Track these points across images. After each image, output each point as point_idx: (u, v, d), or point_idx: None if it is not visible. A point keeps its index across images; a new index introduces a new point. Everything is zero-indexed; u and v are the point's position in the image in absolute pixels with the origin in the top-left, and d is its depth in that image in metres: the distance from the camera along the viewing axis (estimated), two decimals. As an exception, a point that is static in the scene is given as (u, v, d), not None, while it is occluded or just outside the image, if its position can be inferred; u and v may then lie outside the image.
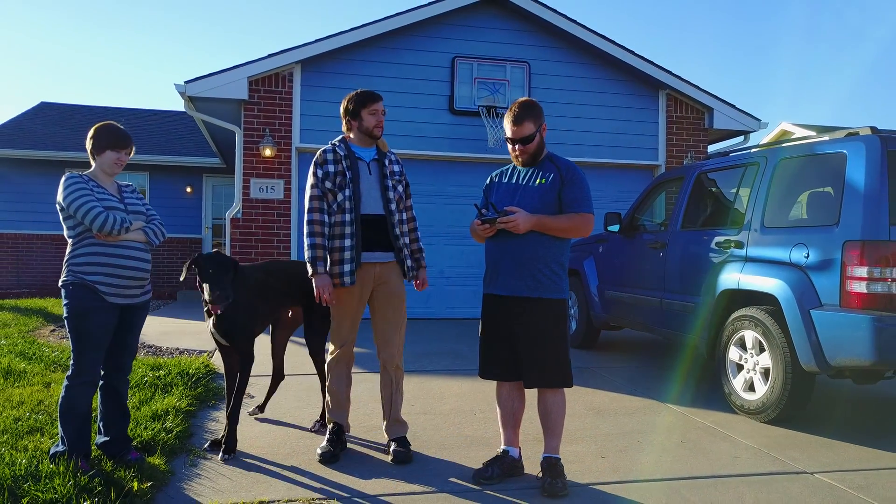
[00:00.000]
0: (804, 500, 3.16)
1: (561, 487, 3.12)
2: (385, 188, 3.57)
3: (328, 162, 3.57)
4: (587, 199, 3.22)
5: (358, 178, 3.54)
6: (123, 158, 3.30)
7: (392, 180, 3.62)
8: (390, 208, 3.56)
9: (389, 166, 3.65)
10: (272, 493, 3.08)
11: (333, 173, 3.54)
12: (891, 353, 3.72)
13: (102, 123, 3.35)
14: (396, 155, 3.82)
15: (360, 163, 3.59)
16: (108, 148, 3.27)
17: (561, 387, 3.25)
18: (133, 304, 3.26)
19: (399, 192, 3.66)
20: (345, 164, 3.55)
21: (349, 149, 3.61)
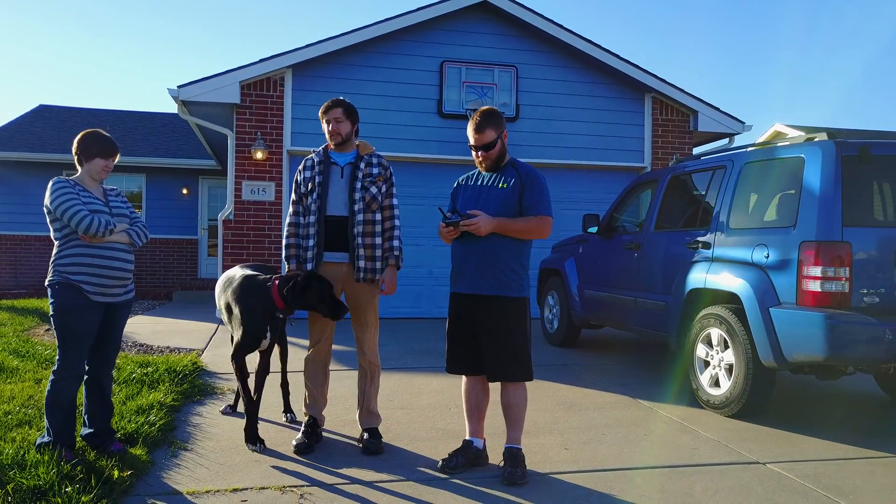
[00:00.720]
0: (752, 487, 3.33)
1: (520, 476, 3.29)
2: (352, 190, 3.72)
3: (306, 168, 3.79)
4: (546, 202, 3.40)
5: (327, 182, 3.71)
6: (110, 165, 3.47)
7: (364, 182, 3.73)
8: (353, 209, 3.70)
9: (366, 169, 3.76)
10: (247, 481, 3.25)
11: (309, 178, 3.73)
12: (841, 350, 3.89)
13: (90, 131, 3.51)
14: (383, 158, 3.89)
15: (333, 167, 3.76)
16: (97, 155, 3.44)
17: (521, 380, 3.42)
18: (116, 302, 3.43)
19: (372, 194, 3.74)
20: (318, 169, 3.73)
21: (326, 155, 3.79)
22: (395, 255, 3.79)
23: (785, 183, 4.40)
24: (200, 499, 3.04)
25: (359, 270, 3.72)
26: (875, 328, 3.84)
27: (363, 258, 3.72)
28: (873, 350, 3.87)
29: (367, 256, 3.72)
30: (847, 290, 3.95)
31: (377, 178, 3.77)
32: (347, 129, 3.76)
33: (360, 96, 9.23)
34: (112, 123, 15.95)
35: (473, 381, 3.56)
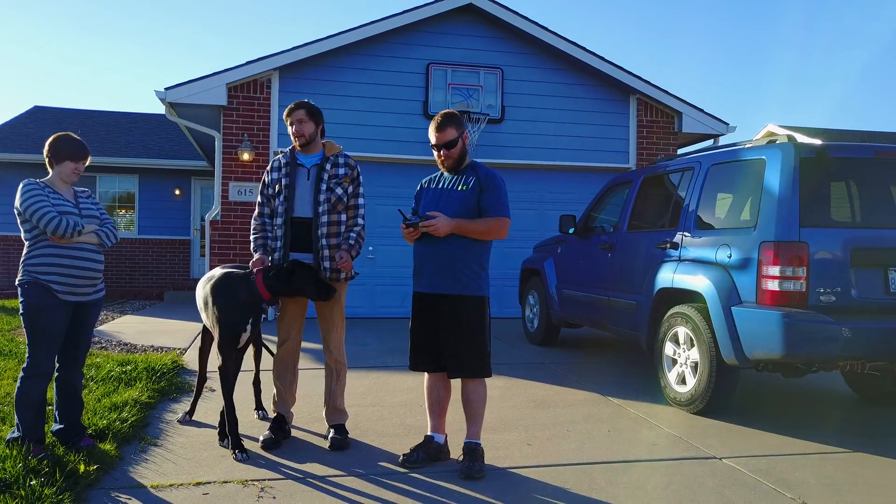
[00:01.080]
0: (703, 481, 3.42)
1: (478, 470, 3.38)
2: (317, 191, 3.80)
3: (273, 170, 3.87)
4: (504, 204, 3.49)
5: (294, 184, 3.80)
6: (80, 168, 3.56)
7: (330, 183, 3.80)
8: (318, 210, 3.78)
9: (332, 170, 3.82)
10: (211, 475, 3.34)
11: (276, 180, 3.82)
12: (798, 348, 3.97)
13: (61, 134, 3.60)
14: (350, 158, 3.96)
15: (300, 169, 3.84)
16: (67, 158, 3.53)
17: (480, 377, 3.52)
18: (85, 301, 3.52)
19: (338, 195, 3.80)
20: (284, 171, 3.82)
21: (293, 156, 3.87)
22: (350, 243, 3.80)
23: (748, 184, 4.49)
24: (163, 492, 3.13)
25: (324, 270, 3.80)
26: (830, 327, 3.93)
27: (328, 258, 3.79)
28: (828, 348, 3.96)
29: (331, 257, 3.79)
30: (804, 290, 4.03)
31: (343, 179, 3.83)
32: (311, 129, 3.83)
33: (346, 98, 9.35)
34: (106, 124, 16.07)
35: (435, 377, 3.65)
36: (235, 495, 3.11)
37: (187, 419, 4.26)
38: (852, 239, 4.09)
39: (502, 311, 9.94)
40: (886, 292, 4.12)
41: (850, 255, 4.07)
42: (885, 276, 4.13)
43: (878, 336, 4.00)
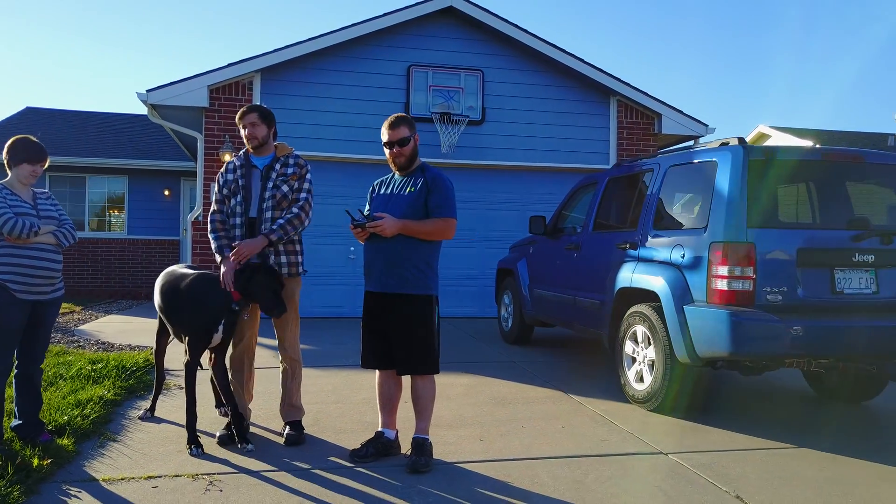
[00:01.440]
0: (644, 475, 3.51)
1: (423, 464, 3.47)
2: (264, 189, 3.88)
3: (228, 171, 3.97)
4: (450, 205, 3.58)
5: (249, 184, 3.90)
6: (38, 170, 3.65)
7: (277, 181, 3.89)
8: (262, 207, 3.87)
9: (281, 169, 3.93)
10: (163, 469, 3.43)
11: (231, 181, 3.92)
12: (744, 346, 4.06)
13: (20, 137, 3.69)
14: (300, 158, 4.06)
15: (254, 170, 3.94)
16: (24, 161, 3.62)
17: (428, 373, 3.61)
18: (43, 300, 3.61)
19: (283, 192, 3.89)
20: (239, 172, 3.91)
21: (247, 159, 3.97)
22: (273, 228, 3.81)
23: (701, 186, 4.58)
24: (114, 485, 3.22)
25: (278, 266, 3.90)
26: (775, 325, 4.02)
27: (281, 253, 3.90)
28: (774, 346, 4.05)
29: (284, 251, 3.91)
30: (751, 289, 4.12)
31: (290, 178, 3.92)
32: (264, 132, 3.93)
33: (327, 99, 9.45)
34: (97, 125, 16.17)
35: (385, 374, 3.74)
36: (184, 488, 3.20)
37: (148, 416, 4.34)
38: (799, 239, 4.18)
39: (483, 312, 10.05)
40: (832, 292, 4.21)
41: (797, 255, 4.16)
42: (832, 275, 4.22)
43: (823, 334, 4.09)
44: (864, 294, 4.26)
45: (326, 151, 9.41)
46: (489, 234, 10.05)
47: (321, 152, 9.39)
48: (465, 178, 10.02)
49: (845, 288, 4.23)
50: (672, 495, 3.24)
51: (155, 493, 3.13)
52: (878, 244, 4.26)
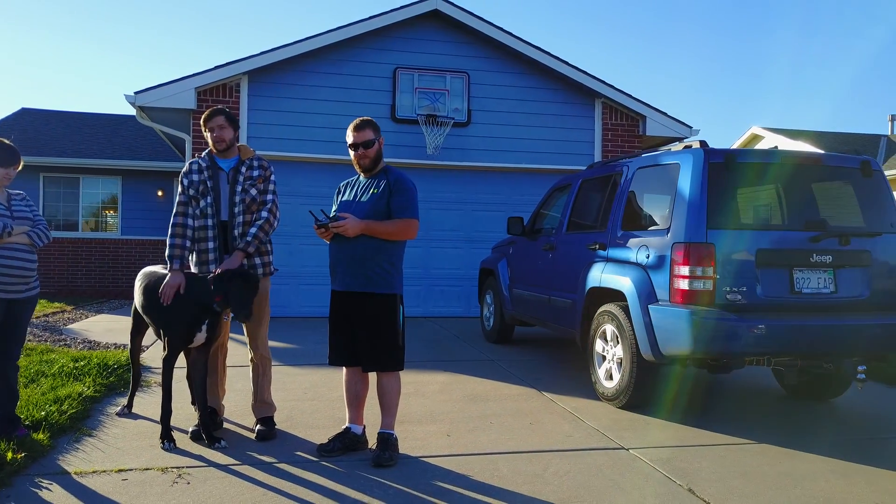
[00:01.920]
0: (602, 469, 3.61)
1: (387, 458, 3.58)
2: (233, 193, 3.99)
3: (193, 172, 4.04)
4: (412, 206, 3.69)
5: (218, 186, 4.00)
6: (11, 173, 3.75)
7: (245, 185, 3.99)
8: (233, 211, 3.98)
9: (247, 172, 4.03)
10: (135, 463, 3.53)
11: (197, 182, 4.00)
12: (705, 344, 4.17)
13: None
14: (263, 160, 4.16)
15: (220, 173, 4.04)
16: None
17: (392, 370, 3.72)
18: (18, 298, 3.72)
19: (252, 195, 3.99)
20: (206, 174, 4.01)
21: (212, 160, 4.07)
22: (247, 240, 3.92)
23: (665, 188, 4.69)
24: (85, 478, 3.33)
25: (253, 267, 4.01)
26: (734, 323, 4.13)
27: (253, 255, 4.01)
28: (733, 344, 4.15)
29: (256, 252, 4.02)
30: (711, 289, 4.23)
31: (257, 181, 4.03)
32: (230, 135, 4.03)
33: (314, 101, 9.56)
34: (91, 126, 16.27)
35: (352, 371, 3.85)
36: (152, 481, 3.30)
37: (126, 412, 4.45)
38: (758, 240, 4.29)
39: (469, 311, 10.16)
40: (791, 291, 4.32)
41: (756, 255, 4.27)
42: (791, 276, 4.33)
43: (781, 333, 4.19)
44: (823, 294, 4.37)
45: (313, 153, 9.51)
46: (475, 234, 10.16)
47: (308, 153, 9.51)
48: (450, 180, 10.15)
49: (804, 288, 4.34)
50: (626, 489, 3.35)
51: (124, 486, 3.23)
52: (836, 245, 4.37)
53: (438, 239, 10.00)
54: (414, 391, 5.20)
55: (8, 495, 3.07)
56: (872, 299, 4.44)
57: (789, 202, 4.56)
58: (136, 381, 4.59)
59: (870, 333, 4.32)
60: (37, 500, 3.03)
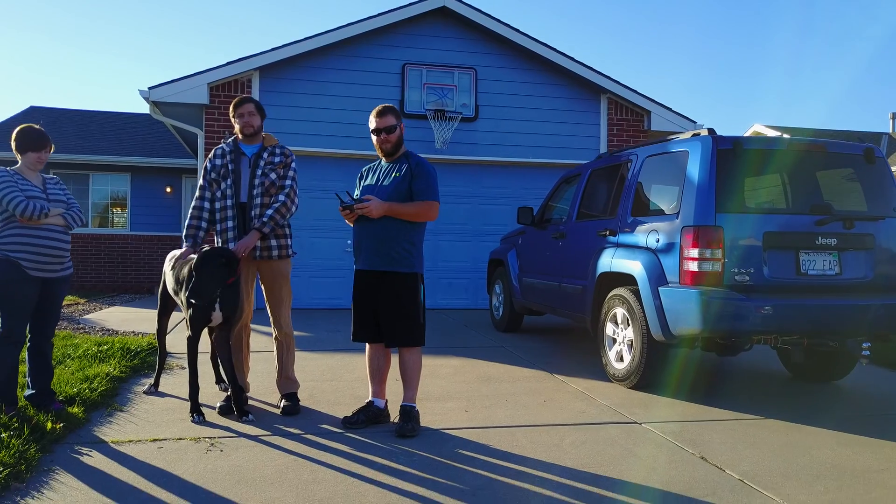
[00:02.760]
0: (616, 441, 3.76)
1: (410, 429, 3.73)
2: (253, 176, 4.14)
3: (217, 156, 4.22)
4: (432, 189, 3.84)
5: (239, 169, 4.16)
6: (44, 157, 3.90)
7: (265, 169, 4.14)
8: (252, 194, 4.13)
9: (268, 157, 4.19)
10: (167, 434, 3.68)
11: (220, 165, 4.17)
12: (714, 323, 4.31)
13: (23, 127, 3.91)
14: (286, 148, 4.32)
15: (243, 157, 4.20)
16: (28, 150, 3.87)
17: (414, 345, 3.86)
18: (53, 277, 3.87)
19: (271, 179, 4.15)
20: (229, 157, 4.17)
21: (236, 146, 4.23)
22: (263, 220, 4.03)
23: (674, 174, 4.83)
24: (122, 446, 3.47)
25: (255, 249, 4.13)
26: (742, 303, 4.27)
27: (270, 237, 4.15)
28: (742, 323, 4.29)
29: (273, 235, 4.16)
30: (720, 270, 4.37)
31: (277, 166, 4.19)
32: (258, 122, 4.20)
33: (324, 97, 9.71)
34: (100, 124, 16.43)
35: (375, 348, 4.00)
36: (187, 448, 3.45)
37: (153, 390, 4.59)
38: (765, 224, 4.44)
39: (477, 304, 10.31)
40: (797, 273, 4.46)
41: (763, 238, 4.41)
42: (797, 258, 4.47)
43: (788, 312, 4.33)
44: (828, 275, 4.51)
45: (323, 147, 9.66)
46: (482, 227, 10.31)
47: (318, 148, 9.65)
48: (458, 174, 10.29)
49: (809, 269, 4.48)
50: (641, 456, 3.49)
51: (160, 452, 3.38)
52: (841, 228, 4.52)
53: (446, 232, 10.14)
54: (429, 373, 5.33)
55: (51, 461, 3.21)
56: (876, 281, 4.58)
57: (795, 187, 4.70)
58: (163, 361, 4.73)
59: (873, 313, 4.46)
60: (79, 466, 3.18)
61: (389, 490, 2.96)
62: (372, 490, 2.95)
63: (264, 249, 4.16)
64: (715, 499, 2.94)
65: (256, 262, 4.22)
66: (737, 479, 3.20)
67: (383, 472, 3.18)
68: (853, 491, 3.08)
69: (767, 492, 3.03)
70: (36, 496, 2.82)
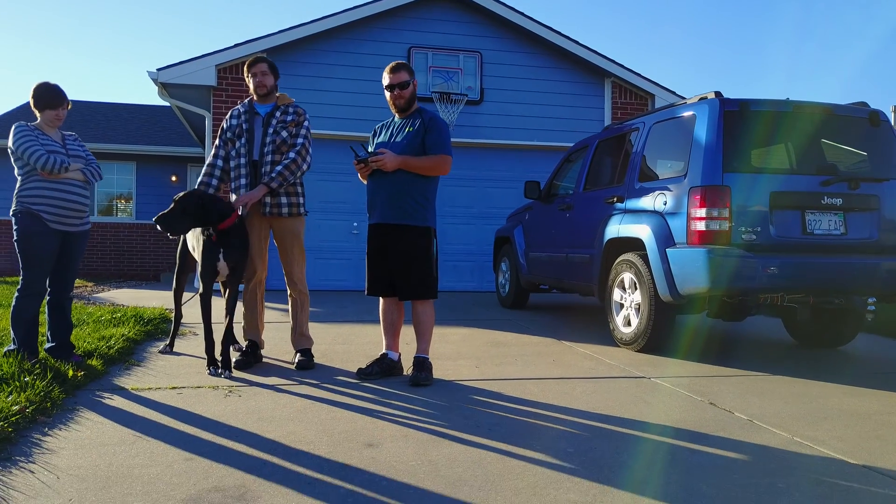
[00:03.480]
0: (627, 390, 3.83)
1: (424, 378, 3.80)
2: (265, 134, 4.21)
3: (232, 116, 4.31)
4: (445, 143, 3.90)
5: (252, 128, 4.23)
6: (61, 114, 3.96)
7: (277, 127, 4.21)
8: (263, 151, 4.20)
9: (281, 116, 4.25)
10: (186, 383, 3.75)
11: (235, 125, 4.26)
12: (722, 281, 4.37)
13: (40, 84, 3.95)
14: (299, 107, 4.38)
15: (256, 117, 4.27)
16: (46, 107, 3.93)
17: (426, 298, 3.93)
18: (72, 231, 3.94)
19: (283, 137, 4.21)
20: (244, 117, 4.25)
21: (251, 106, 4.30)
22: (272, 176, 4.10)
23: (682, 138, 4.89)
24: (142, 392, 3.54)
25: (265, 205, 4.20)
26: (750, 261, 4.34)
27: (281, 194, 4.22)
28: (749, 281, 4.36)
29: (284, 192, 4.23)
30: (727, 229, 4.44)
31: (289, 124, 4.25)
32: (271, 81, 4.27)
33: (329, 80, 9.78)
34: (105, 115, 16.51)
35: (389, 301, 4.07)
36: (206, 394, 3.52)
37: (168, 350, 4.67)
38: (771, 183, 4.50)
39: (482, 286, 10.38)
40: (804, 232, 4.52)
41: (770, 198, 4.47)
42: (803, 217, 4.53)
43: (794, 270, 4.40)
44: (834, 235, 4.57)
45: (329, 129, 9.72)
46: (487, 210, 10.37)
47: (324, 130, 9.70)
48: (463, 157, 10.33)
49: (815, 229, 4.54)
50: (652, 403, 3.56)
51: (180, 397, 3.45)
52: (846, 189, 4.58)
53: (451, 215, 10.20)
54: (438, 339, 5.37)
55: (74, 402, 3.28)
56: (882, 242, 4.64)
57: (801, 148, 4.76)
58: (178, 322, 4.80)
59: (879, 273, 4.52)
60: (102, 406, 3.25)
61: (407, 426, 3.03)
62: (389, 426, 3.02)
63: (274, 206, 4.22)
64: (725, 434, 3.00)
65: (269, 220, 4.28)
66: (745, 419, 3.27)
67: (400, 411, 3.26)
68: (861, 429, 3.15)
69: (776, 429, 3.10)
70: (62, 428, 2.89)
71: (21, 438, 2.72)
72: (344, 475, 2.40)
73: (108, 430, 2.87)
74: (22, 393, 3.10)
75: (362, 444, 2.76)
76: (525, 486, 2.33)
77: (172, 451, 2.62)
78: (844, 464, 2.66)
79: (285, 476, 2.38)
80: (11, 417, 2.80)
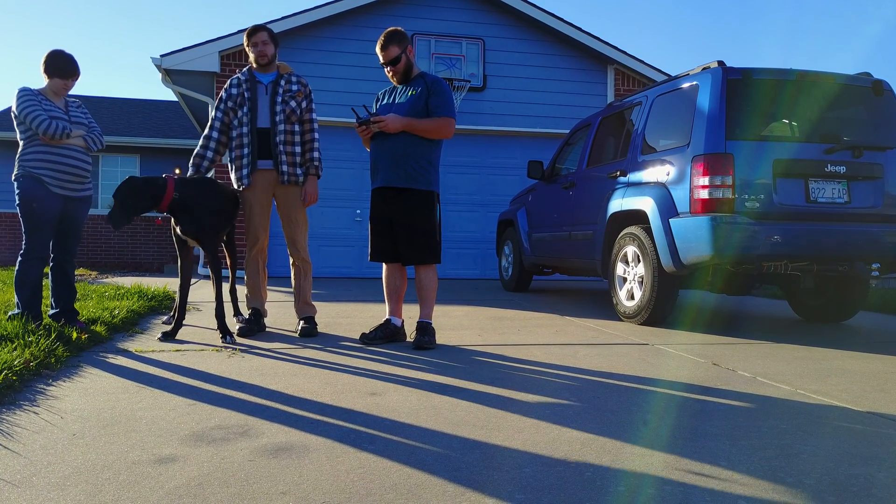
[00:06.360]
0: (630, 354, 3.82)
1: (427, 342, 3.80)
2: (273, 103, 4.22)
3: (232, 86, 4.29)
4: (449, 105, 3.90)
5: (255, 97, 4.22)
6: (70, 84, 3.97)
7: (285, 97, 4.23)
8: (275, 120, 4.21)
9: (286, 86, 4.27)
10: (188, 348, 3.75)
11: (236, 94, 4.24)
12: (725, 249, 4.36)
13: (53, 52, 3.97)
14: (301, 77, 4.41)
15: (258, 85, 4.26)
16: (55, 76, 3.94)
17: (430, 262, 3.92)
18: (74, 196, 3.95)
19: (292, 107, 4.24)
20: (245, 86, 4.24)
21: (251, 74, 4.30)
22: (315, 164, 4.29)
23: (684, 108, 4.88)
24: (146, 354, 3.54)
25: (283, 174, 4.23)
26: (753, 228, 4.33)
27: (286, 163, 4.23)
28: (752, 248, 4.35)
29: (289, 162, 4.24)
30: (731, 197, 4.42)
31: (296, 94, 4.27)
32: (272, 50, 4.27)
33: (332, 66, 9.78)
34: (108, 108, 16.55)
35: (392, 267, 4.07)
36: (209, 355, 3.52)
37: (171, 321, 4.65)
38: (775, 151, 4.48)
39: (485, 273, 10.37)
40: (807, 200, 4.51)
41: (773, 166, 4.46)
42: (806, 185, 4.52)
43: (798, 238, 4.39)
44: (837, 203, 4.55)
45: (332, 116, 9.71)
46: (490, 197, 10.36)
47: (327, 117, 9.68)
48: (466, 143, 10.35)
49: (819, 197, 4.53)
50: (655, 364, 3.55)
51: (183, 357, 3.46)
52: (850, 157, 4.56)
53: (454, 202, 10.20)
54: (441, 314, 5.39)
55: (79, 361, 3.29)
56: (885, 210, 4.62)
57: (804, 117, 4.74)
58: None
59: (883, 240, 4.50)
60: (106, 364, 3.25)
61: (409, 379, 3.03)
62: (393, 379, 3.02)
63: (292, 175, 4.26)
64: (729, 388, 3.00)
65: (274, 188, 4.29)
66: (749, 376, 3.26)
67: (404, 369, 3.26)
68: (865, 384, 3.14)
69: (780, 384, 3.09)
70: (66, 380, 2.89)
71: (25, 388, 2.73)
72: (347, 417, 2.40)
73: (112, 382, 2.87)
74: (26, 349, 3.11)
75: (365, 393, 2.76)
76: (527, 426, 2.32)
77: (175, 398, 2.62)
78: (849, 410, 2.65)
79: (287, 418, 2.38)
80: (15, 368, 2.80)
